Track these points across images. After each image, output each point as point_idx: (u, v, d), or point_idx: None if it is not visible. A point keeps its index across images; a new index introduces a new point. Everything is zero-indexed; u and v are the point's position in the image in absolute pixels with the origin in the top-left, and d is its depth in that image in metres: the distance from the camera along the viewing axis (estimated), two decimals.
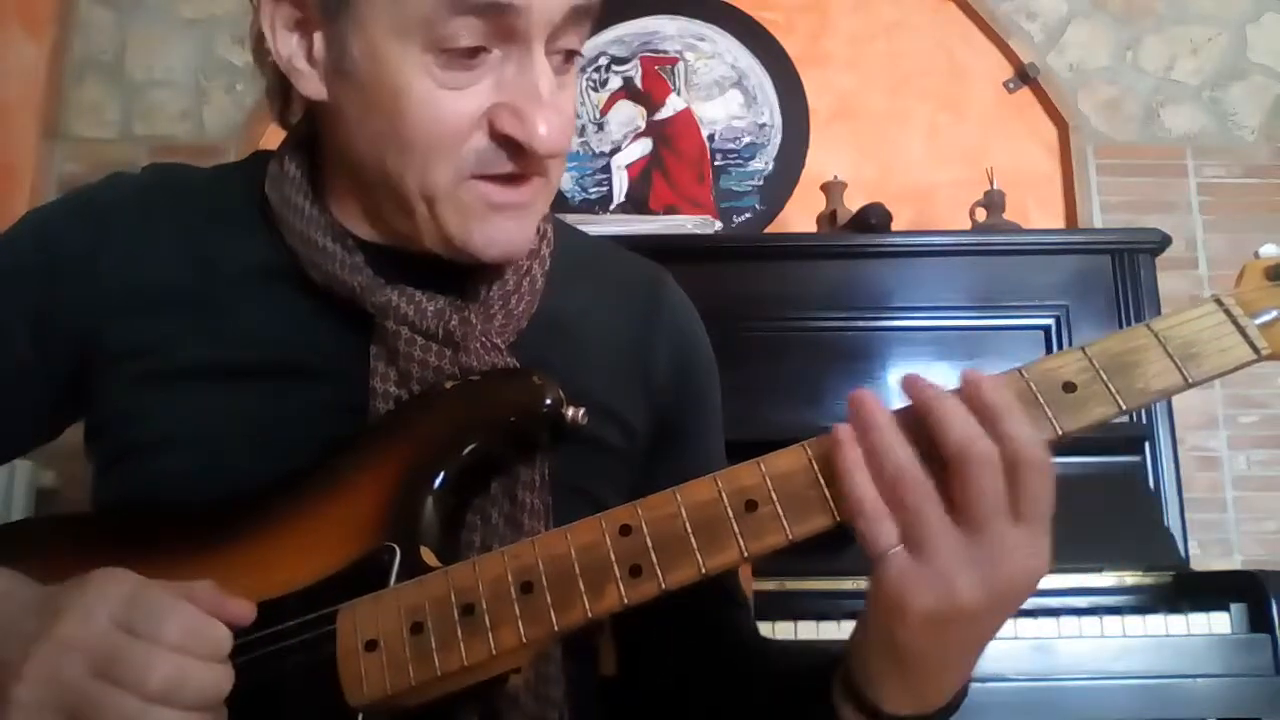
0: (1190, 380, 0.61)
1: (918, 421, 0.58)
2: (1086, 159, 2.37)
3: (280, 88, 0.78)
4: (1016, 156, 2.39)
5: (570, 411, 0.70)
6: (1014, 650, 1.40)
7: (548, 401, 0.70)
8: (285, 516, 0.68)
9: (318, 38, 0.71)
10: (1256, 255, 0.66)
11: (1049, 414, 0.59)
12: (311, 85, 0.73)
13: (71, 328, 0.76)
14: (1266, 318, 0.63)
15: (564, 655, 0.72)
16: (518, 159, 0.70)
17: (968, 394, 0.58)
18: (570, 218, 2.03)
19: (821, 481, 0.60)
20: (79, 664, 0.55)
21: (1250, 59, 2.42)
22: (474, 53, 0.67)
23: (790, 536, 0.60)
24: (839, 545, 1.53)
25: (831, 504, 0.60)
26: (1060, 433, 0.59)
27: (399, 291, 0.73)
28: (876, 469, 0.58)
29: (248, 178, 0.82)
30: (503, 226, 0.72)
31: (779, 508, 0.60)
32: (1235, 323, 0.62)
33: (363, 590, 0.64)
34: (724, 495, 0.61)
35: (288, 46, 0.73)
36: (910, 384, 0.60)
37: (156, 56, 2.41)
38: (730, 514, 0.60)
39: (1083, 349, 0.61)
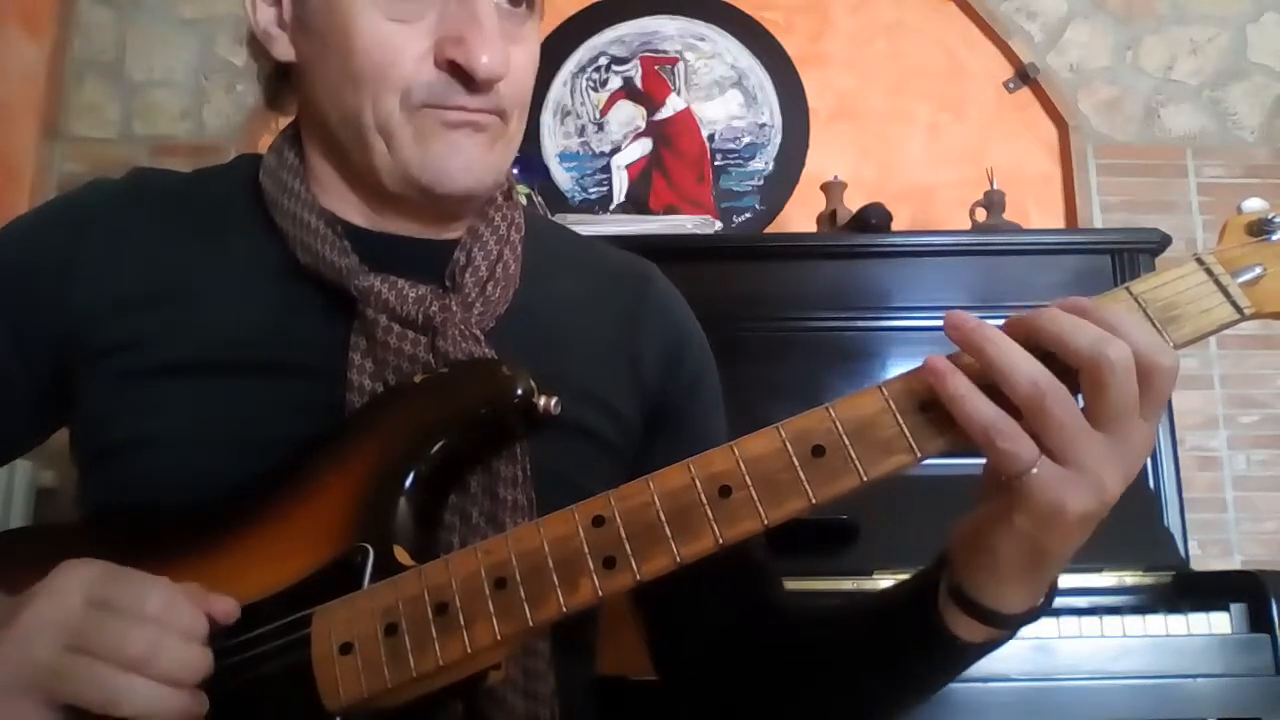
0: (1172, 344, 0.59)
1: (1025, 338, 0.58)
2: (1086, 159, 2.37)
3: (272, 74, 0.82)
4: (1016, 156, 2.39)
5: (543, 400, 0.69)
6: (1014, 650, 1.38)
7: (519, 391, 0.69)
8: (260, 520, 0.68)
9: (286, 1, 0.78)
10: (1239, 210, 0.63)
11: None
12: (281, 47, 0.79)
13: (51, 332, 0.76)
14: (1249, 275, 0.61)
15: (554, 652, 0.71)
16: (468, 88, 0.73)
17: (1079, 309, 0.58)
18: (570, 218, 2.04)
19: (797, 464, 0.59)
20: (51, 641, 0.55)
21: (1250, 59, 2.42)
22: None
23: (766, 521, 0.59)
24: (839, 545, 1.53)
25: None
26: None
27: (382, 278, 0.74)
28: (1006, 384, 0.56)
29: (234, 177, 0.84)
30: (461, 145, 0.74)
31: (753, 492, 0.59)
32: (1217, 282, 0.60)
33: (337, 592, 0.63)
34: (697, 481, 0.60)
35: (265, 16, 0.79)
36: (1020, 318, 0.59)
37: (156, 56, 2.41)
38: (704, 500, 0.59)
39: None
